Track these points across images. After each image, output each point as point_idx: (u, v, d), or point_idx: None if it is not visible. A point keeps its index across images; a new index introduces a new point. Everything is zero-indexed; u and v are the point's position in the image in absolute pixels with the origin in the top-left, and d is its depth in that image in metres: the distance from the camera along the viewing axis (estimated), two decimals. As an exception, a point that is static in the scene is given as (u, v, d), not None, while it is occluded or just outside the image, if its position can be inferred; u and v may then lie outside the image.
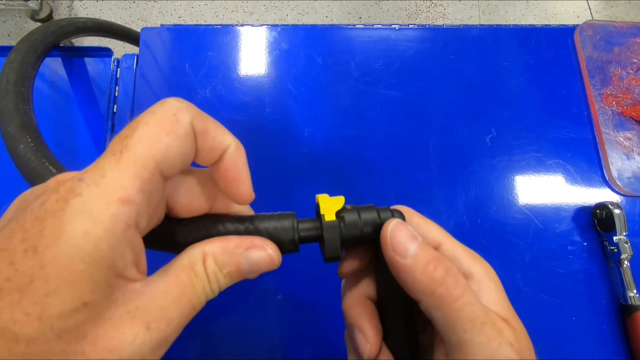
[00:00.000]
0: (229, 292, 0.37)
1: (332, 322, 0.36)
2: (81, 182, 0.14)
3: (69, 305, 0.13)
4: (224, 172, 0.18)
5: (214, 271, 0.17)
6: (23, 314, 0.13)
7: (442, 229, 0.22)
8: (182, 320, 0.16)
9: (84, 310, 0.13)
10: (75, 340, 0.13)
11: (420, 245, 0.19)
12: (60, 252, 0.13)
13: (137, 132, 0.15)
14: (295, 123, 0.43)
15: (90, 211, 0.14)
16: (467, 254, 0.21)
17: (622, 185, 0.41)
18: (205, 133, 0.17)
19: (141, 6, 1.30)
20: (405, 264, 0.19)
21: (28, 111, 0.34)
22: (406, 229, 0.19)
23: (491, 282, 0.20)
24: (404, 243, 0.19)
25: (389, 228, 0.19)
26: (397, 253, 0.19)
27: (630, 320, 0.37)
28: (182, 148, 0.16)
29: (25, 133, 0.33)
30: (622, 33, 0.48)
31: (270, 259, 0.19)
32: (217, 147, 0.17)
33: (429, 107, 0.44)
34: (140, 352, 0.14)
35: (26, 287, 0.13)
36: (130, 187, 0.14)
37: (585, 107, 0.45)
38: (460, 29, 0.48)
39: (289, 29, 0.47)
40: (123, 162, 0.14)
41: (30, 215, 0.14)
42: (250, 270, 0.18)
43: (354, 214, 0.20)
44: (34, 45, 0.38)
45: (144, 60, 0.45)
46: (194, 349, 0.35)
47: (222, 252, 0.18)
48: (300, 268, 0.38)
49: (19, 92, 0.34)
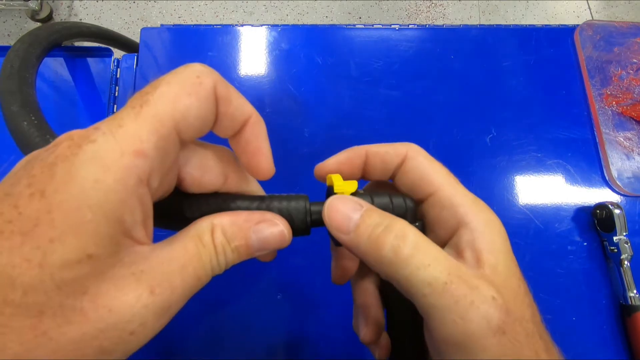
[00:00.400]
0: (229, 291, 0.37)
1: (332, 322, 0.36)
2: (97, 130, 0.14)
3: (73, 255, 0.12)
4: (245, 144, 0.18)
5: (221, 243, 0.17)
6: (23, 259, 0.12)
7: (448, 173, 0.20)
8: (186, 290, 0.15)
9: (87, 263, 0.13)
10: (74, 295, 0.13)
11: (363, 214, 0.17)
12: (70, 196, 0.12)
13: (159, 90, 0.15)
14: (295, 123, 0.43)
15: (104, 159, 0.13)
16: (468, 201, 0.19)
17: (622, 185, 0.41)
18: (228, 100, 0.16)
19: (141, 6, 1.30)
20: (349, 240, 0.17)
21: (32, 94, 0.34)
22: (345, 202, 0.18)
23: (487, 228, 0.18)
24: (342, 218, 0.17)
25: (326, 205, 0.18)
26: (339, 231, 0.18)
27: (630, 320, 0.37)
28: (202, 111, 0.16)
29: (28, 112, 0.32)
30: (622, 33, 0.48)
31: (281, 234, 0.18)
32: (238, 116, 0.17)
33: (429, 107, 0.44)
34: (141, 316, 0.14)
35: (29, 231, 0.12)
36: (146, 141, 0.14)
37: (585, 107, 0.45)
38: (460, 29, 0.48)
39: (289, 29, 0.47)
40: (142, 115, 0.14)
41: (39, 163, 0.13)
42: (259, 246, 0.17)
43: (367, 198, 0.19)
44: (39, 38, 0.38)
45: (144, 60, 0.45)
46: (194, 348, 0.35)
47: (231, 224, 0.17)
48: (300, 268, 0.38)
49: (22, 77, 0.34)
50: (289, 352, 0.36)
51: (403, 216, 0.19)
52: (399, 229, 0.17)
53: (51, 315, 0.12)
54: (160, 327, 0.15)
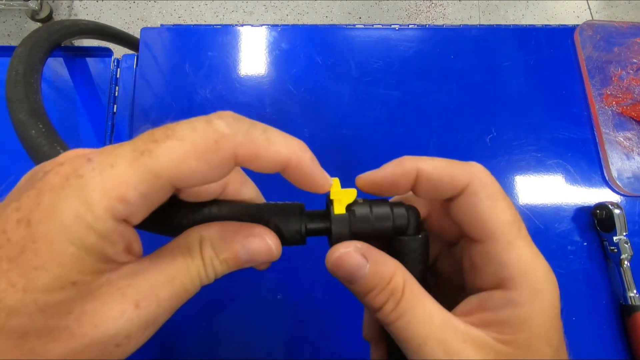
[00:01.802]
0: (228, 291, 0.37)
1: (332, 322, 0.36)
2: (88, 163, 0.14)
3: (57, 282, 0.13)
4: (291, 177, 0.17)
5: (210, 256, 0.17)
6: (9, 284, 0.13)
7: (513, 219, 0.17)
8: (173, 302, 0.16)
9: (71, 289, 0.13)
10: (59, 316, 0.13)
11: (368, 273, 0.17)
12: (53, 229, 0.13)
13: (168, 143, 0.14)
14: (295, 123, 0.43)
15: (86, 197, 0.13)
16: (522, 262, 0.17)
17: (622, 185, 0.41)
18: (254, 158, 0.15)
19: (141, 6, 1.30)
20: (353, 288, 0.18)
21: (38, 100, 0.34)
22: (350, 259, 0.18)
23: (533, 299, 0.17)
24: (348, 274, 0.18)
25: (330, 260, 0.18)
26: (346, 281, 0.18)
27: (630, 320, 0.37)
28: (208, 174, 0.15)
29: (36, 119, 0.33)
30: (622, 33, 0.48)
31: (268, 249, 0.18)
32: (271, 166, 0.16)
33: (429, 107, 0.44)
34: (126, 330, 0.14)
35: (16, 258, 0.13)
36: (132, 188, 0.14)
37: (585, 107, 0.45)
38: (460, 29, 0.48)
39: (289, 29, 0.47)
40: (139, 163, 0.14)
41: (31, 187, 0.14)
42: (248, 259, 0.17)
43: (366, 208, 0.19)
44: (40, 41, 0.38)
45: (144, 60, 0.45)
46: (193, 349, 0.35)
47: (219, 237, 0.17)
48: (300, 268, 0.38)
49: (28, 83, 0.34)
50: (289, 352, 0.36)
51: (405, 227, 0.19)
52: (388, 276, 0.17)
53: (35, 335, 0.13)
54: (146, 338, 0.15)
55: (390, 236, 0.19)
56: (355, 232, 0.19)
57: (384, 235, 0.19)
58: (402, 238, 0.19)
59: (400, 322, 0.17)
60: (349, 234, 0.19)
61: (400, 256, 0.19)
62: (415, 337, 0.16)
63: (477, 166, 0.18)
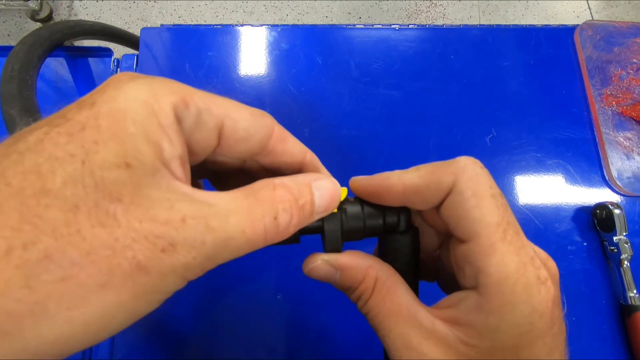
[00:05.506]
0: (228, 291, 0.37)
1: (332, 322, 0.36)
2: None
3: (114, 159, 0.13)
4: None
5: (287, 200, 0.16)
6: (67, 153, 0.12)
7: (500, 220, 0.16)
8: (222, 238, 0.14)
9: (125, 170, 0.13)
10: (110, 198, 0.12)
11: (341, 277, 0.19)
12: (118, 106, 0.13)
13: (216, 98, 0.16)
14: (295, 123, 0.43)
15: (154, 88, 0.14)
16: (499, 267, 0.16)
17: (622, 185, 0.41)
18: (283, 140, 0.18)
19: (141, 6, 1.30)
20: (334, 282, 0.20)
21: (31, 97, 0.34)
22: (319, 270, 0.20)
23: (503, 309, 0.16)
24: (325, 278, 0.20)
25: (305, 272, 0.20)
26: (326, 281, 0.20)
27: (630, 320, 0.37)
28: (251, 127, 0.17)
29: (28, 117, 0.33)
30: (622, 33, 0.48)
31: (335, 185, 0.18)
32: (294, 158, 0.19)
33: (429, 107, 0.44)
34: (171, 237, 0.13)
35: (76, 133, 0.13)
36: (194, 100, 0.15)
37: (585, 107, 0.45)
38: (460, 29, 0.48)
39: (289, 29, 0.47)
40: (200, 93, 0.16)
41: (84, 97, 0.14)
42: (320, 203, 0.17)
43: (357, 206, 0.19)
44: (40, 39, 0.38)
45: (144, 60, 0.45)
46: (194, 348, 0.35)
47: (293, 182, 0.16)
48: (300, 268, 0.38)
49: (23, 79, 0.35)
50: (289, 352, 0.36)
51: (395, 224, 0.19)
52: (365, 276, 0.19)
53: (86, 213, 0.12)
54: (184, 259, 0.13)
55: (381, 233, 0.20)
56: (347, 229, 0.19)
57: (375, 232, 0.20)
58: (392, 235, 0.20)
59: (369, 315, 0.19)
60: (341, 232, 0.19)
61: (392, 251, 0.20)
62: (380, 329, 0.18)
63: (464, 161, 0.17)
